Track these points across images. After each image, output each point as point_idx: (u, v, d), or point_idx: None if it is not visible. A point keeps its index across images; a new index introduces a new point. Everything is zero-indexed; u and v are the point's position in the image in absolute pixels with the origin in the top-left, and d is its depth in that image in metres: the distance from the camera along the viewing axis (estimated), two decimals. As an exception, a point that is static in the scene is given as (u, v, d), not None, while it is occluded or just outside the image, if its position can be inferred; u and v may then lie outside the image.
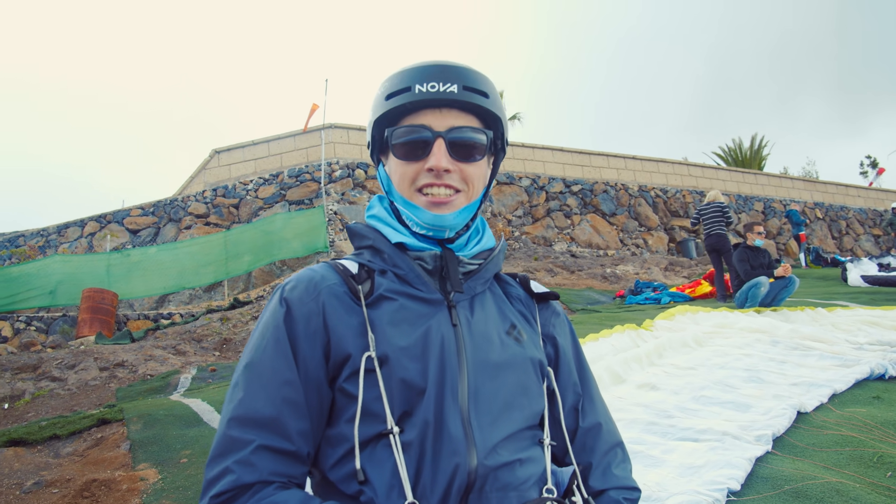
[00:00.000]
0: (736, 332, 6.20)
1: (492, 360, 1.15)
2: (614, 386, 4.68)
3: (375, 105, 1.22)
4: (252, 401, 1.05)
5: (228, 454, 1.02)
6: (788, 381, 4.57)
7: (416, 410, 1.07)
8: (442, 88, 1.16)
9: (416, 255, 1.20)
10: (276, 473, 1.03)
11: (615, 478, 1.26)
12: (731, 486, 2.92)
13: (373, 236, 1.24)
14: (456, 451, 1.03)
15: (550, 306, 1.39)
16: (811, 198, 24.81)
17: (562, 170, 19.56)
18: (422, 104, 1.17)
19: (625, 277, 14.78)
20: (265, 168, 16.29)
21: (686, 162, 22.80)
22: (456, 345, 1.12)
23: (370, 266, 1.22)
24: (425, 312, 1.15)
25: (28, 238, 16.61)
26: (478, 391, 1.10)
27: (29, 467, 4.49)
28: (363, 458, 1.06)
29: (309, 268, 1.21)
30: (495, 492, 1.05)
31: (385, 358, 1.08)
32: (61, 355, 8.37)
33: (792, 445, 3.47)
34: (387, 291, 1.16)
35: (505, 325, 1.23)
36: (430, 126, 1.17)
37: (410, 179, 1.19)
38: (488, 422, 1.09)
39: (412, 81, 1.16)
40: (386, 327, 1.11)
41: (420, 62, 1.20)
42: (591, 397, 1.34)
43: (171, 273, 13.51)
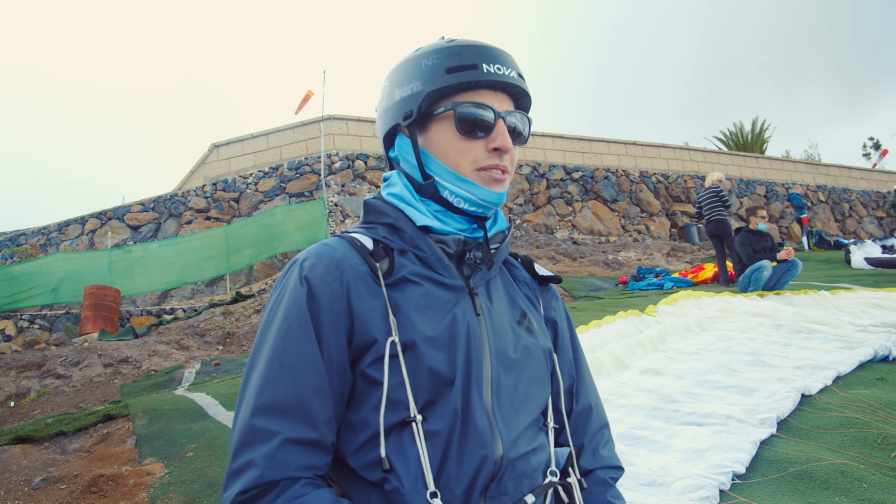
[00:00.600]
0: (739, 317, 6.19)
1: (510, 352, 1.15)
2: (618, 372, 4.68)
3: (429, 76, 1.16)
4: (277, 387, 1.02)
5: (254, 445, 0.98)
6: (792, 364, 4.57)
7: (442, 400, 1.06)
8: (506, 72, 1.17)
9: (437, 238, 1.18)
10: (303, 467, 1.00)
11: (603, 458, 1.31)
12: (735, 470, 2.93)
13: (394, 214, 1.20)
14: (483, 444, 1.04)
15: (551, 289, 1.40)
16: (814, 181, 24.73)
17: (562, 157, 19.50)
18: (483, 84, 1.16)
19: (627, 264, 14.76)
20: (265, 161, 16.26)
21: (687, 147, 22.72)
22: (480, 335, 1.12)
23: (387, 243, 1.18)
24: (449, 299, 1.14)
25: (29, 236, 16.60)
26: (500, 383, 1.11)
27: (36, 464, 4.51)
28: (388, 446, 1.04)
29: (324, 243, 1.16)
30: (513, 480, 1.07)
31: (411, 344, 1.07)
32: (65, 353, 8.39)
33: (796, 428, 3.47)
34: (410, 274, 1.14)
35: (516, 313, 1.24)
36: (493, 106, 1.16)
37: (472, 158, 1.16)
38: (510, 414, 1.10)
39: (478, 60, 1.15)
40: (411, 312, 1.09)
41: (476, 41, 1.19)
42: (584, 379, 1.37)
43: (173, 268, 13.50)
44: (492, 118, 1.15)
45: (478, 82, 1.15)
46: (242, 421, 1.02)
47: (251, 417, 1.00)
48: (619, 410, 3.88)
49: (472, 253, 1.19)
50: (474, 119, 1.15)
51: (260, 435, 0.99)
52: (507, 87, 1.18)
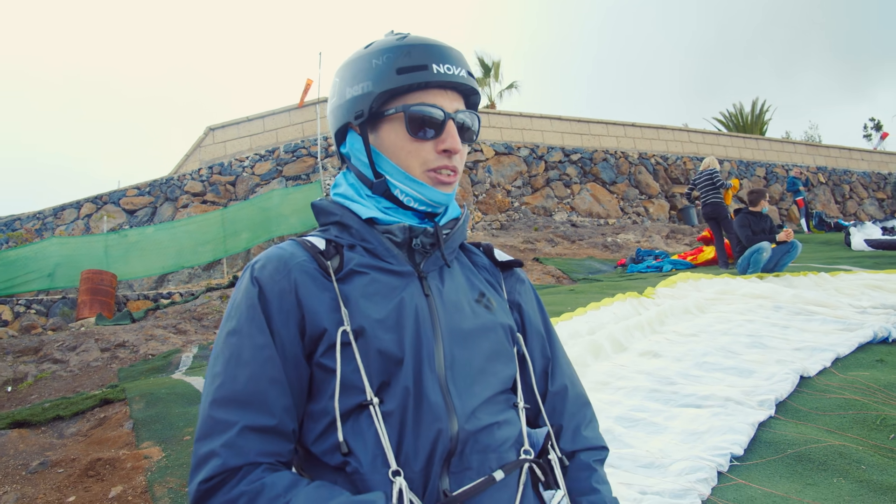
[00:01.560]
0: (738, 298, 6.19)
1: (465, 328, 1.17)
2: (616, 354, 4.68)
3: (379, 76, 1.17)
4: (233, 380, 1.05)
5: (213, 436, 1.02)
6: (791, 345, 4.57)
7: (395, 380, 1.08)
8: (456, 72, 1.18)
9: (384, 229, 1.21)
10: (263, 453, 1.03)
11: (584, 439, 1.31)
12: (734, 451, 2.93)
13: (339, 212, 1.24)
14: (437, 418, 1.06)
15: (515, 273, 1.42)
16: (814, 162, 24.65)
17: (560, 139, 19.42)
18: (434, 84, 1.17)
19: (626, 246, 14.76)
20: (261, 144, 16.18)
21: (686, 128, 22.63)
22: (430, 314, 1.14)
23: (338, 241, 1.21)
24: (397, 285, 1.16)
25: (24, 221, 16.54)
26: (454, 358, 1.13)
27: (34, 448, 4.51)
28: (345, 430, 1.07)
29: (276, 245, 1.21)
30: (476, 454, 1.08)
31: (361, 330, 1.09)
32: (62, 337, 8.38)
33: (795, 410, 3.47)
34: (357, 266, 1.17)
35: (474, 293, 1.26)
36: (443, 107, 1.17)
37: (422, 159, 1.18)
38: (465, 387, 1.11)
39: (427, 60, 1.16)
40: (359, 300, 1.12)
41: (421, 39, 1.20)
42: (558, 361, 1.37)
43: (170, 252, 13.48)
44: (441, 119, 1.17)
45: (427, 83, 1.16)
46: (203, 414, 1.05)
47: (210, 410, 1.04)
48: (618, 392, 3.87)
49: (418, 239, 1.21)
50: (423, 120, 1.16)
51: (219, 426, 1.02)
52: (456, 86, 1.19)
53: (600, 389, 3.96)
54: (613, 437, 3.19)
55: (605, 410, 3.54)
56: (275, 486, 0.99)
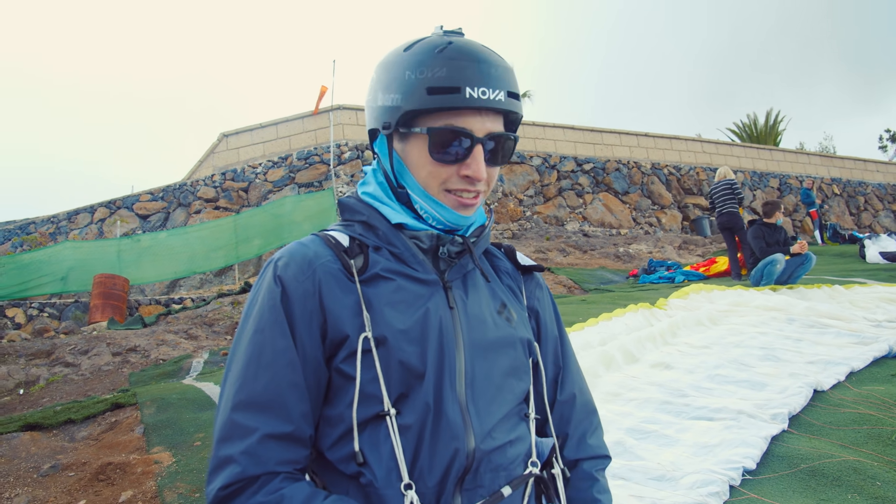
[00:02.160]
0: (751, 311, 6.14)
1: (486, 343, 1.15)
2: (628, 365, 4.65)
3: (409, 91, 1.10)
4: (254, 383, 1.04)
5: (233, 441, 1.01)
6: (805, 359, 4.53)
7: (415, 394, 1.07)
8: (492, 96, 1.10)
9: (411, 234, 1.18)
10: (282, 462, 1.02)
11: (589, 447, 1.30)
12: (746, 465, 2.90)
13: (367, 212, 1.20)
14: (455, 436, 1.05)
15: (534, 278, 1.39)
16: (828, 173, 24.50)
17: (573, 148, 19.40)
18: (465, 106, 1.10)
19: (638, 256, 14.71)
20: (274, 151, 16.26)
21: (699, 139, 22.56)
22: (453, 328, 1.12)
23: (362, 240, 1.19)
24: (422, 293, 1.14)
25: (39, 225, 16.64)
26: (474, 376, 1.11)
27: (45, 451, 4.53)
28: (361, 440, 1.06)
29: (299, 242, 1.17)
30: (489, 473, 1.08)
31: (383, 339, 1.07)
32: (74, 341, 8.43)
33: (808, 424, 3.43)
34: (383, 270, 1.14)
35: (496, 303, 1.23)
36: (472, 131, 1.11)
37: (442, 180, 1.14)
38: (484, 406, 1.10)
39: (462, 82, 1.08)
40: (384, 308, 1.10)
41: (462, 51, 1.11)
42: (569, 368, 1.36)
43: (182, 258, 13.53)
44: (468, 145, 1.12)
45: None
46: (223, 417, 1.04)
47: (231, 413, 1.03)
48: (629, 404, 3.85)
49: (445, 248, 1.18)
50: (447, 145, 1.11)
51: (239, 430, 1.02)
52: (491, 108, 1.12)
53: (611, 401, 3.93)
54: (624, 449, 3.17)
55: (616, 422, 3.52)
56: (293, 499, 0.99)
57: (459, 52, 1.11)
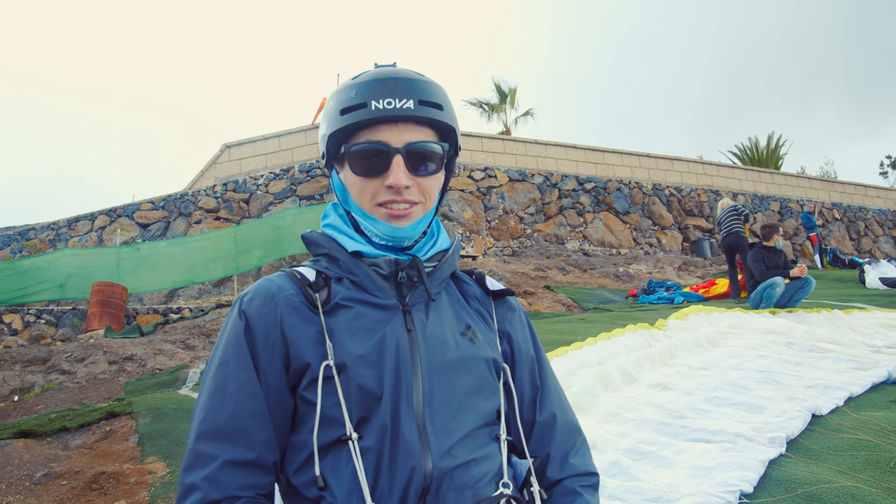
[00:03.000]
0: (750, 333, 6.13)
1: (446, 363, 1.17)
2: (626, 385, 4.63)
3: (329, 118, 1.20)
4: (217, 413, 1.09)
5: (196, 468, 1.06)
6: (803, 383, 4.51)
7: (374, 416, 1.09)
8: (398, 105, 1.15)
9: (371, 262, 1.22)
10: (243, 487, 1.06)
11: (572, 466, 1.29)
12: (743, 489, 2.88)
13: (328, 245, 1.25)
14: (412, 455, 1.06)
15: (507, 302, 1.40)
16: (829, 198, 24.56)
17: (575, 167, 19.46)
18: (378, 120, 1.16)
19: (638, 277, 14.71)
20: (276, 163, 16.30)
21: (701, 160, 22.64)
22: (410, 350, 1.15)
23: (327, 273, 1.23)
24: (381, 318, 1.17)
25: (38, 231, 16.65)
26: (432, 395, 1.13)
27: (38, 459, 4.50)
28: (324, 464, 1.09)
29: (266, 278, 1.23)
30: (452, 492, 1.08)
31: (343, 366, 1.11)
32: (71, 348, 8.41)
33: (806, 448, 3.41)
34: (343, 299, 1.18)
35: (460, 325, 1.25)
36: (387, 142, 1.16)
37: (371, 195, 1.19)
38: (443, 424, 1.11)
39: (368, 97, 1.15)
40: (343, 336, 1.14)
41: (373, 74, 1.19)
42: (547, 389, 1.36)
43: (181, 267, 13.54)
44: (386, 156, 1.16)
45: (370, 120, 1.15)
46: (189, 447, 1.09)
47: (195, 443, 1.08)
48: (627, 424, 3.83)
49: (403, 273, 1.22)
50: (364, 159, 1.17)
51: (202, 459, 1.06)
52: (408, 118, 1.17)
53: (609, 421, 3.92)
54: (621, 470, 3.15)
55: (613, 442, 3.50)
56: None
57: (371, 74, 1.19)
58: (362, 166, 1.18)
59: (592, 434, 3.59)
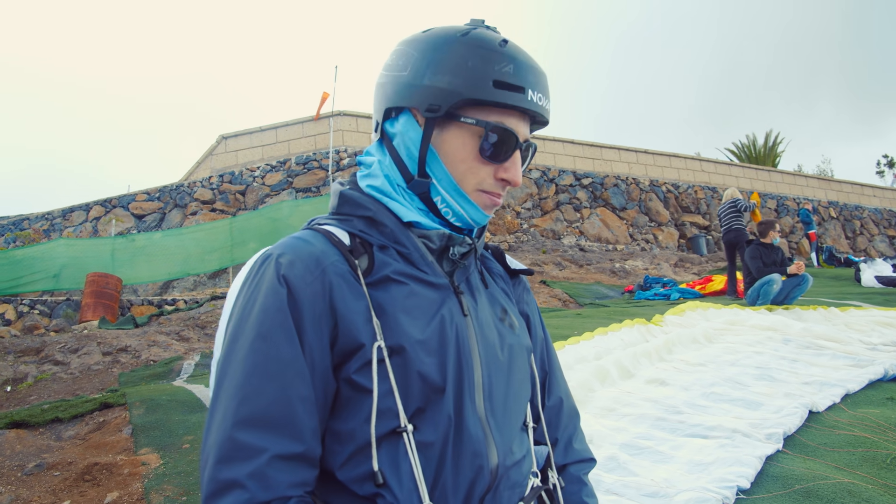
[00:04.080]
0: (747, 330, 6.13)
1: (498, 353, 1.10)
2: (623, 381, 4.62)
3: (472, 79, 1.04)
4: (259, 396, 0.93)
5: (238, 462, 0.89)
6: (800, 379, 4.51)
7: (434, 408, 0.99)
8: (545, 105, 1.10)
9: (421, 233, 1.10)
10: (294, 485, 0.92)
11: (575, 452, 1.28)
12: (740, 484, 2.88)
13: (374, 208, 1.10)
14: (478, 453, 0.99)
15: (522, 282, 1.35)
16: (825, 196, 24.61)
17: (572, 162, 19.45)
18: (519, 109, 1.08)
19: (634, 273, 14.71)
20: (272, 155, 16.26)
21: (699, 157, 22.65)
22: (469, 338, 1.06)
23: (364, 238, 1.10)
24: (435, 299, 1.07)
25: (33, 221, 16.58)
26: (491, 387, 1.06)
27: (30, 450, 4.48)
28: (379, 457, 0.97)
29: (298, 237, 1.07)
30: (507, 490, 1.04)
31: (399, 349, 0.99)
32: (64, 339, 8.38)
33: (803, 445, 3.41)
34: (394, 273, 1.06)
35: (496, 309, 1.18)
36: (518, 134, 1.09)
37: (479, 178, 1.09)
38: (502, 420, 1.06)
39: (527, 84, 1.06)
40: (398, 315, 1.02)
41: (523, 56, 1.09)
42: (555, 373, 1.34)
43: (176, 259, 13.50)
44: (512, 147, 1.09)
45: (516, 107, 1.06)
46: (222, 434, 0.92)
47: (233, 430, 0.91)
48: (624, 419, 3.82)
49: (454, 248, 1.12)
50: (498, 144, 1.08)
51: (244, 451, 0.90)
52: (535, 115, 1.11)
53: (606, 415, 3.91)
54: (618, 465, 3.14)
55: (610, 437, 3.49)
56: None
57: (518, 51, 1.09)
58: (490, 148, 1.07)
59: (590, 429, 3.58)
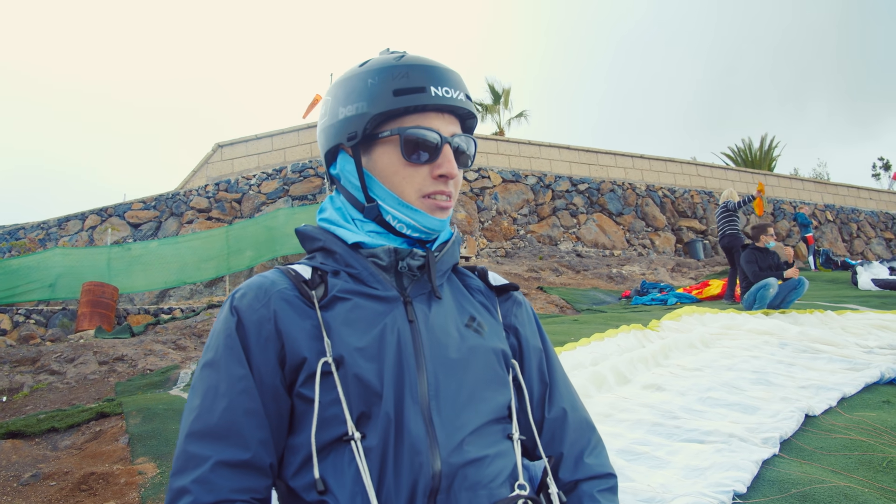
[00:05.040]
0: (744, 334, 6.13)
1: (451, 354, 1.12)
2: (619, 386, 4.62)
3: (374, 97, 1.13)
4: (209, 413, 1.02)
5: (186, 471, 0.99)
6: (797, 383, 4.51)
7: (376, 411, 1.04)
8: (454, 95, 1.15)
9: (369, 253, 1.17)
10: (237, 490, 0.99)
11: (587, 467, 1.23)
12: (736, 489, 2.87)
13: (323, 237, 1.20)
14: (418, 451, 1.01)
15: (512, 297, 1.36)
16: (822, 200, 24.66)
17: (568, 168, 19.48)
18: (431, 107, 1.14)
19: (631, 278, 14.72)
20: (268, 163, 16.26)
21: (694, 162, 22.70)
22: (413, 341, 1.10)
23: (323, 268, 1.18)
24: (381, 310, 1.12)
25: (28, 231, 16.57)
26: (438, 387, 1.08)
27: (27, 460, 4.47)
28: (324, 465, 1.03)
29: (259, 275, 1.17)
30: (464, 491, 1.02)
31: (341, 359, 1.05)
32: (60, 349, 8.36)
33: (800, 449, 3.41)
34: (340, 292, 1.13)
35: (464, 317, 1.20)
36: (440, 130, 1.14)
37: (418, 184, 1.15)
38: (451, 418, 1.06)
39: (426, 82, 1.12)
40: (341, 328, 1.08)
41: (420, 60, 1.16)
42: (556, 384, 1.31)
43: (173, 267, 13.48)
44: (438, 143, 1.14)
45: (425, 105, 1.12)
46: (178, 448, 1.02)
47: (185, 444, 1.01)
48: (620, 425, 3.82)
49: (404, 262, 1.16)
50: (419, 144, 1.13)
51: (192, 461, 0.99)
52: (454, 109, 1.16)
53: (602, 421, 3.91)
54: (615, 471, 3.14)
55: (606, 443, 3.45)
56: None
57: (417, 59, 1.16)
58: (414, 151, 1.13)
59: (586, 434, 3.57)
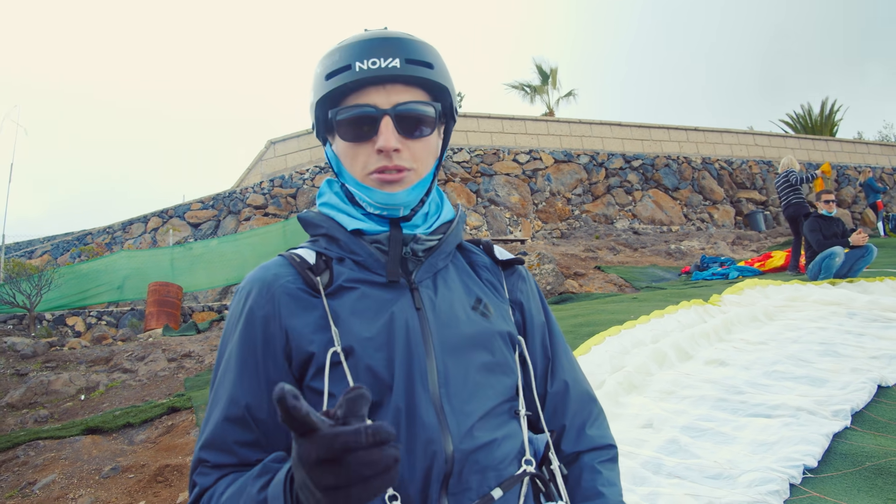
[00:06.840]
0: (809, 305, 5.95)
1: (459, 340, 1.12)
2: (681, 362, 4.55)
3: (315, 85, 1.15)
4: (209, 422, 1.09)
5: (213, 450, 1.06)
6: (867, 354, 4.36)
7: (387, 401, 1.04)
8: (384, 64, 1.09)
9: (372, 239, 1.16)
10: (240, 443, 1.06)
11: (588, 438, 1.24)
12: (807, 463, 2.81)
13: (326, 224, 1.19)
14: (431, 439, 1.02)
15: (517, 271, 1.34)
16: (889, 163, 23.64)
17: (621, 145, 19.16)
18: (364, 82, 1.10)
19: (690, 253, 14.42)
20: (320, 156, 16.42)
21: (751, 131, 22.05)
22: (421, 329, 1.10)
23: (327, 254, 1.17)
24: (388, 298, 1.11)
25: (95, 236, 17.16)
26: (448, 374, 1.08)
27: (106, 454, 4.65)
28: None
29: (262, 266, 1.18)
30: (475, 474, 1.04)
31: (350, 350, 1.06)
32: (131, 348, 8.64)
33: (873, 421, 3.30)
34: (346, 281, 1.13)
35: (470, 299, 1.19)
36: (375, 104, 1.10)
37: (362, 163, 1.13)
38: (461, 404, 1.07)
39: (352, 59, 1.09)
40: (349, 318, 1.08)
41: (358, 36, 1.14)
42: (559, 358, 1.30)
43: (233, 264, 13.75)
44: (374, 119, 1.10)
45: (357, 81, 1.09)
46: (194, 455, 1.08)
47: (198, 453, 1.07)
48: (684, 402, 3.76)
49: (408, 248, 1.15)
50: (351, 124, 1.11)
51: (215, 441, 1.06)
52: (395, 78, 1.10)
53: (665, 398, 3.85)
54: (679, 448, 3.10)
55: (670, 420, 3.44)
56: None
57: (354, 37, 1.14)
58: (351, 132, 1.12)
59: (649, 412, 3.53)
